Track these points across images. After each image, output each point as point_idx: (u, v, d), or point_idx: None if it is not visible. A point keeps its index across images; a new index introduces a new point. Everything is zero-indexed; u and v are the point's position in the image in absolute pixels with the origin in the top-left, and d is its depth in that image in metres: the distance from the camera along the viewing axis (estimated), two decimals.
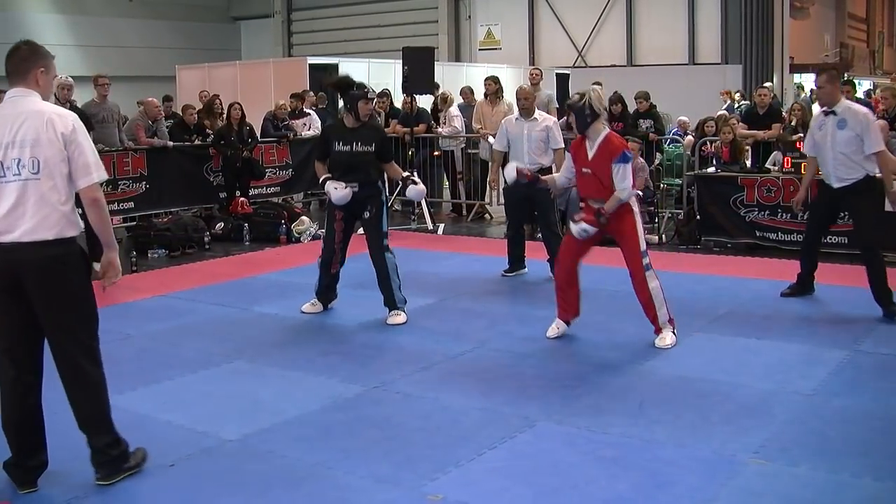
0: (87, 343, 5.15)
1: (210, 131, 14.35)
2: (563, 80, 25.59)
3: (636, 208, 7.64)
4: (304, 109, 16.63)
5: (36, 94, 4.91)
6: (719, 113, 16.86)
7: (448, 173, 16.22)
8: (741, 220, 11.81)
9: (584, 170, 7.52)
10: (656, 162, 14.14)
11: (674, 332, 7.55)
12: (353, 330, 8.19)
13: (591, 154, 7.47)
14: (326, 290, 8.77)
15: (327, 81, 8.49)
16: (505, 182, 9.12)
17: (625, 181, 7.34)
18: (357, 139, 8.24)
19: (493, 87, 15.06)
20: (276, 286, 9.99)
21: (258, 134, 14.92)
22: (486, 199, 15.40)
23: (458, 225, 14.62)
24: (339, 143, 8.28)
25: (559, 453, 5.27)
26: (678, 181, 13.94)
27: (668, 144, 14.94)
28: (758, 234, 11.70)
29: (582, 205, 7.67)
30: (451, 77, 21.22)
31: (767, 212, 11.60)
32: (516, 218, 10.67)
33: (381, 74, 21.17)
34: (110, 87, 13.06)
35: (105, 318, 8.65)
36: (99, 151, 11.28)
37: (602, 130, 7.50)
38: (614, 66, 30.02)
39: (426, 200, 14.19)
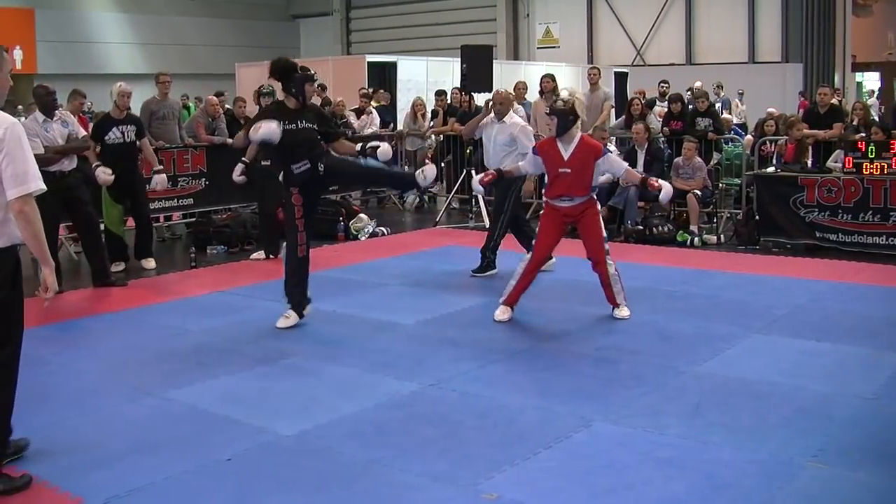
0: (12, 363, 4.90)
1: None
2: (621, 79, 25.45)
3: (597, 203, 8.43)
4: (367, 107, 16.70)
5: None
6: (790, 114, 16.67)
7: None
8: (801, 221, 11.69)
9: (562, 170, 8.08)
10: (714, 161, 14.03)
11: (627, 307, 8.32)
12: (409, 328, 8.20)
13: (566, 155, 8.08)
14: (301, 286, 8.27)
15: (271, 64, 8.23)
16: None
17: (619, 163, 8.46)
18: (301, 118, 8.04)
19: (550, 86, 15.02)
20: (333, 283, 10.02)
21: None
22: (542, 198, 15.34)
23: None
24: (284, 123, 7.88)
25: (615, 453, 5.25)
26: (737, 181, 13.84)
27: (729, 144, 14.81)
28: (818, 235, 11.58)
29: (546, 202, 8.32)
30: (510, 76, 21.17)
31: (828, 212, 11.47)
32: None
33: (439, 73, 21.22)
34: (171, 85, 13.20)
35: (163, 313, 8.83)
36: (159, 148, 11.46)
37: (577, 134, 8.14)
38: (673, 64, 29.87)
39: (483, 198, 14.18)
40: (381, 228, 13.19)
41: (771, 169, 12.67)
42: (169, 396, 6.41)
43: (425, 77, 21.25)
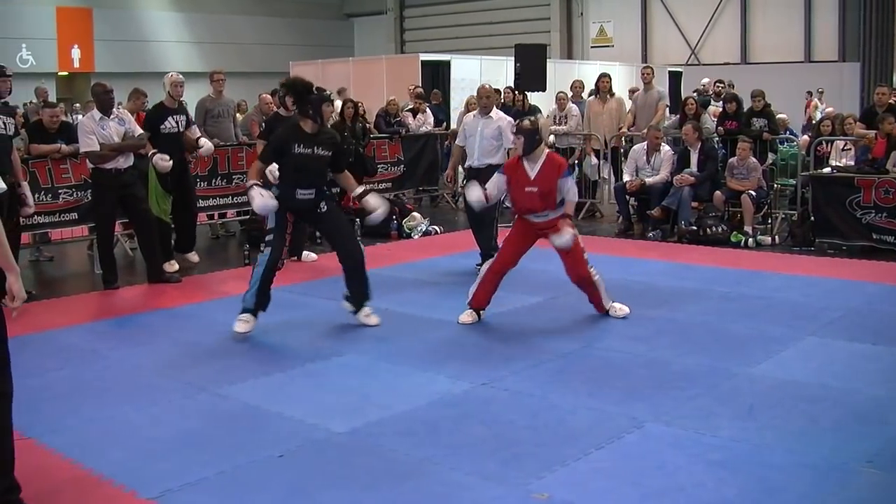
0: None
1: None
2: (675, 79, 25.29)
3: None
4: (423, 106, 16.72)
5: None
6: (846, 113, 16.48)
7: None
8: (857, 222, 11.56)
9: (529, 188, 8.14)
10: (769, 162, 13.92)
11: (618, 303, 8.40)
12: (461, 326, 8.21)
13: (532, 174, 8.14)
14: (262, 298, 8.06)
15: (282, 83, 8.12)
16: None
17: (573, 190, 8.34)
18: (318, 143, 7.94)
19: (606, 85, 15.00)
20: (386, 281, 10.04)
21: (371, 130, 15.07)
22: (597, 198, 15.33)
23: None
24: (298, 146, 7.86)
25: (666, 455, 5.22)
26: (792, 181, 13.71)
27: (784, 144, 14.69)
28: (874, 237, 11.45)
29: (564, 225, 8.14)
30: (563, 75, 21.13)
31: (885, 214, 11.33)
32: (472, 209, 10.68)
33: (492, 71, 21.19)
34: (225, 83, 13.29)
35: (217, 310, 8.90)
36: (214, 146, 11.51)
37: (543, 152, 8.24)
38: (728, 63, 29.68)
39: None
40: (434, 227, 13.22)
41: (827, 169, 12.54)
42: (222, 392, 6.47)
43: (479, 76, 21.20)
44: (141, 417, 6.03)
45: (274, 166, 8.29)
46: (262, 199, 7.66)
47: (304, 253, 11.54)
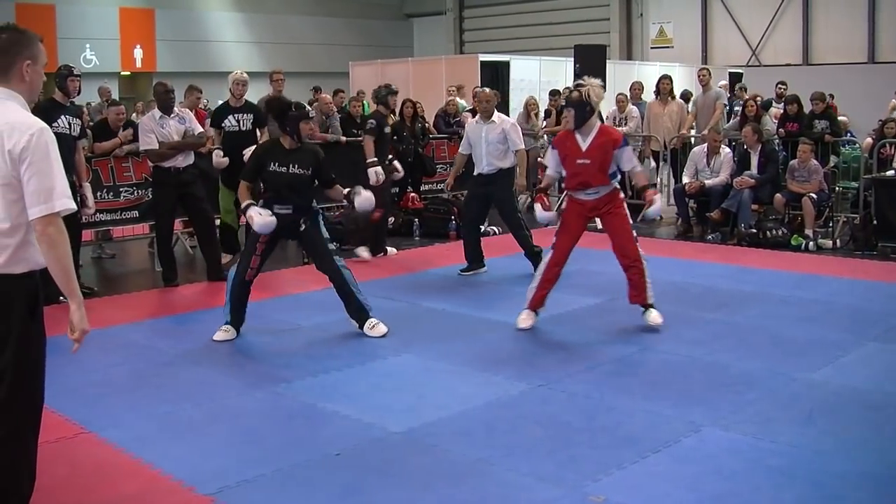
0: (11, 404, 4.06)
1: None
2: (736, 80, 25.03)
3: (621, 195, 8.24)
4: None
5: (14, 97, 4.07)
6: None
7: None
8: None
9: (581, 161, 7.91)
10: (831, 164, 13.76)
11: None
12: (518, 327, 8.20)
13: (584, 146, 7.91)
14: (239, 307, 8.08)
15: (263, 101, 8.12)
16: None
17: (634, 160, 8.21)
18: (293, 161, 7.92)
19: (668, 87, 14.92)
20: (445, 282, 10.08)
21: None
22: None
23: None
24: (273, 164, 7.89)
25: (723, 460, 5.18)
26: (854, 184, 13.54)
27: (846, 146, 14.52)
28: None
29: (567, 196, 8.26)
30: (623, 76, 21.04)
31: None
32: (474, 217, 10.73)
33: (551, 72, 21.16)
34: (285, 83, 13.36)
35: (275, 308, 8.96)
36: None
37: (595, 124, 8.02)
38: (789, 65, 29.36)
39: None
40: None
41: (890, 172, 12.38)
42: (279, 390, 6.51)
43: (538, 76, 21.21)
44: (199, 414, 6.08)
45: None
46: (261, 219, 7.67)
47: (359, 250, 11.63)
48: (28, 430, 4.16)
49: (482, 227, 11.25)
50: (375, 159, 11.21)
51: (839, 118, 16.37)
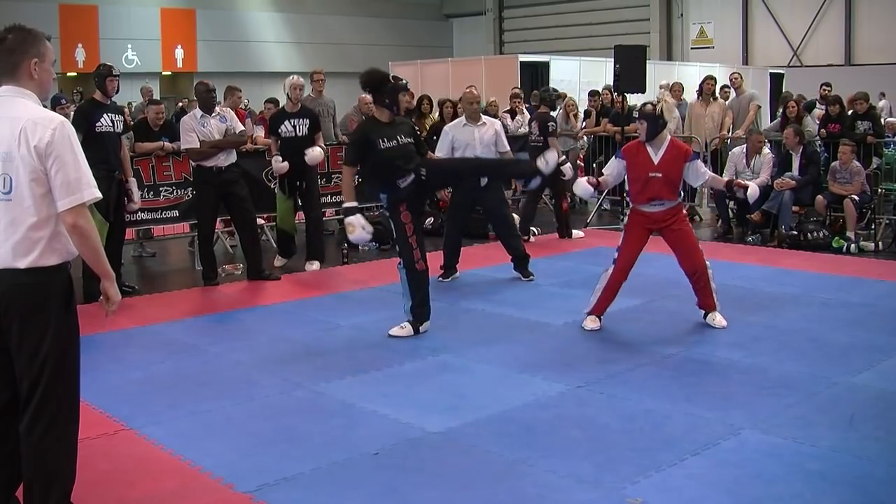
0: (51, 396, 4.13)
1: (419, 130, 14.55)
2: (777, 80, 24.90)
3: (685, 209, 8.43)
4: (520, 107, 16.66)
5: (27, 95, 4.14)
6: None
7: None
8: None
9: (653, 174, 7.92)
10: (873, 166, 13.65)
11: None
12: (558, 329, 8.19)
13: (656, 159, 7.94)
14: (424, 303, 8.03)
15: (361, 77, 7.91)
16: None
17: (702, 173, 8.18)
18: (398, 133, 7.81)
19: (711, 87, 14.86)
20: (483, 282, 10.08)
21: None
22: (696, 201, 15.18)
23: None
24: (383, 141, 7.71)
25: (763, 464, 5.15)
26: None
27: (889, 147, 14.39)
28: None
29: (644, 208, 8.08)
30: (663, 76, 20.95)
31: None
32: (460, 224, 10.59)
33: (591, 73, 21.10)
34: (325, 83, 13.39)
35: (315, 307, 9.00)
36: None
37: (666, 137, 8.07)
38: (831, 65, 29.17)
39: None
40: (532, 228, 13.17)
41: None
42: (319, 389, 6.53)
43: (578, 77, 21.16)
44: (239, 412, 6.12)
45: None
46: (361, 232, 7.66)
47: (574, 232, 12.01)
48: (69, 419, 4.23)
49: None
50: (564, 158, 11.77)
51: (889, 119, 16.25)
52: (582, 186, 8.37)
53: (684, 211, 8.25)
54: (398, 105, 7.87)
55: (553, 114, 13.12)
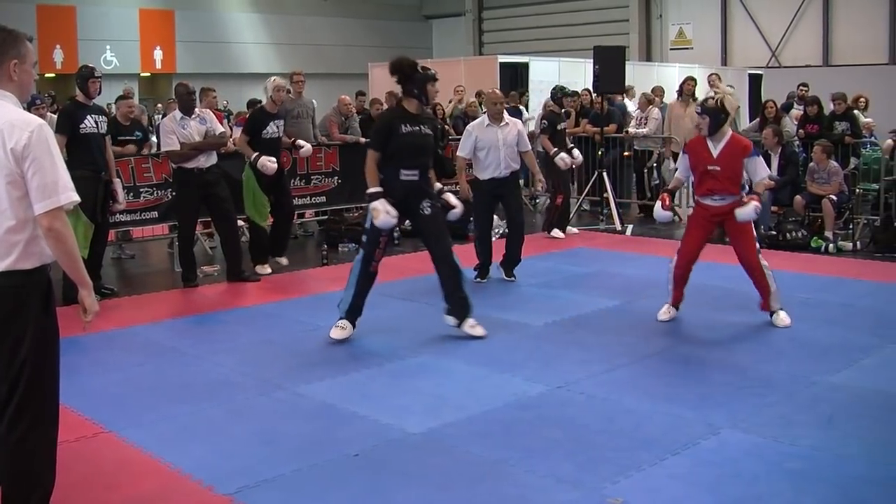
0: (30, 398, 4.10)
1: None
2: (756, 81, 24.99)
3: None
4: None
5: (6, 96, 4.07)
6: None
7: (638, 174, 16.05)
8: None
9: (711, 167, 8.05)
10: (852, 166, 13.71)
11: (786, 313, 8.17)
12: (538, 329, 8.19)
13: (716, 153, 8.05)
14: (359, 302, 7.94)
15: (391, 65, 7.84)
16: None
17: (763, 169, 8.28)
18: (422, 123, 7.84)
19: (691, 88, 14.90)
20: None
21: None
22: (676, 202, 15.20)
23: (646, 226, 14.45)
24: (405, 126, 7.72)
25: (743, 463, 5.16)
26: (875, 186, 13.49)
27: (867, 148, 14.46)
28: None
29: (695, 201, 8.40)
30: (642, 77, 21.01)
31: None
32: (489, 224, 10.63)
33: (571, 73, 21.10)
34: (305, 84, 13.38)
35: (295, 309, 8.99)
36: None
37: (727, 131, 8.12)
38: (809, 66, 29.25)
39: (615, 201, 14.12)
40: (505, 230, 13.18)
41: None
42: (299, 391, 6.52)
43: (557, 78, 21.10)
44: (219, 414, 6.10)
45: None
46: (386, 217, 7.55)
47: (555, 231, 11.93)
48: (48, 421, 4.20)
49: (503, 229, 11.31)
50: (557, 149, 12.09)
51: (865, 120, 16.32)
52: (658, 212, 8.57)
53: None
54: (427, 95, 7.88)
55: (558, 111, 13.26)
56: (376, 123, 8.28)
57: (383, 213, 7.54)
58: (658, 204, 8.55)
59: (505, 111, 10.52)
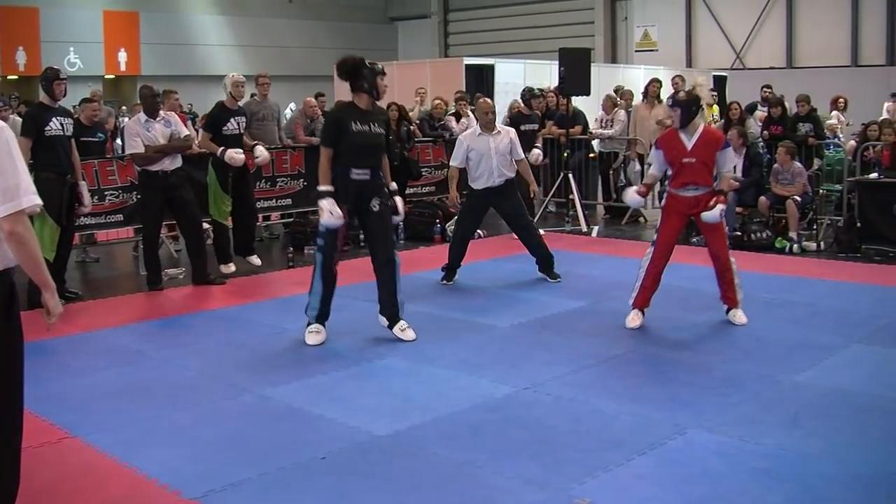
0: None
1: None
2: (720, 83, 25.14)
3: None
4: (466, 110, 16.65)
5: None
6: (882, 118, 16.38)
7: (604, 176, 16.09)
8: None
9: (686, 160, 8.10)
10: (815, 167, 13.81)
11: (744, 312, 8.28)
12: (504, 330, 8.20)
13: (690, 145, 8.11)
14: (326, 304, 7.96)
15: (337, 65, 7.79)
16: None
17: (730, 161, 8.43)
18: (372, 120, 7.71)
19: (656, 90, 14.96)
20: (429, 285, 10.06)
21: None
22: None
23: (612, 227, 14.50)
24: (355, 124, 7.59)
25: (709, 462, 5.18)
26: (838, 187, 13.59)
27: (830, 149, 14.56)
28: None
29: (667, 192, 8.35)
30: (608, 79, 21.07)
31: None
32: (472, 228, 10.65)
33: (537, 75, 21.15)
34: (270, 86, 13.35)
35: (261, 312, 8.96)
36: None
37: (700, 123, 8.27)
38: (773, 67, 29.48)
39: (581, 202, 14.15)
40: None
41: (874, 175, 12.42)
42: (265, 394, 6.50)
43: (523, 79, 21.16)
44: (185, 418, 6.07)
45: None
46: (329, 217, 7.55)
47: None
48: (12, 427, 4.13)
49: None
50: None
51: (830, 122, 16.46)
52: (630, 196, 8.60)
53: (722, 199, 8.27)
54: (377, 89, 7.77)
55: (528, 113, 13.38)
56: (326, 119, 8.22)
57: (327, 212, 7.54)
58: (632, 189, 8.64)
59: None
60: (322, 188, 7.66)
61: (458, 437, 5.64)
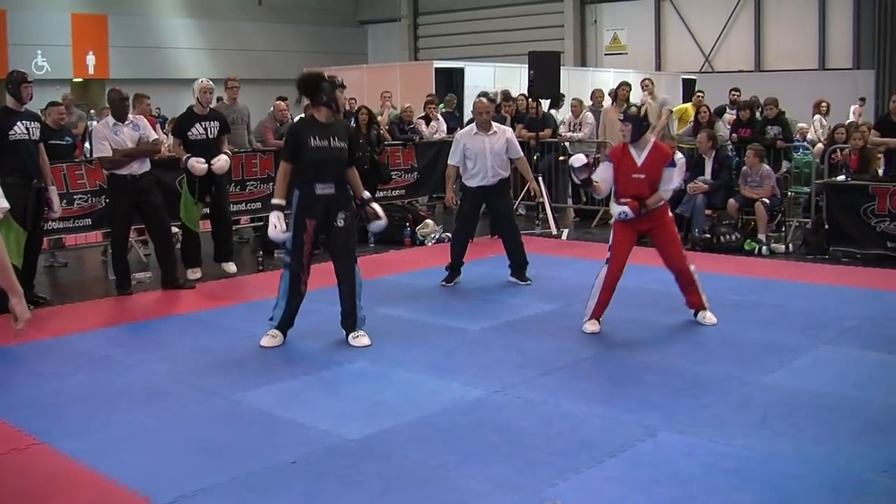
0: None
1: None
2: (689, 86, 25.25)
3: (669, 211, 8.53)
4: (435, 114, 16.67)
5: None
6: (849, 121, 16.52)
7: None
8: (871, 231, 11.52)
9: (635, 175, 8.10)
10: (783, 169, 13.89)
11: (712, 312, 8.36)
12: (474, 333, 8.21)
13: (640, 161, 8.12)
14: (291, 316, 7.99)
15: (297, 84, 7.81)
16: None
17: (671, 183, 8.27)
18: (333, 134, 7.66)
19: (625, 93, 15.02)
20: (400, 288, 10.06)
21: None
22: (610, 206, 15.32)
23: (582, 230, 14.53)
24: (314, 139, 7.58)
25: (680, 463, 5.20)
26: (806, 189, 13.69)
27: (798, 152, 14.65)
28: (889, 245, 11.41)
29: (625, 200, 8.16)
30: (577, 82, 21.16)
31: None
32: (470, 230, 10.66)
33: (506, 78, 21.20)
34: (239, 90, 13.31)
35: (231, 316, 8.95)
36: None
37: (650, 139, 8.25)
38: (742, 71, 29.63)
39: (550, 205, 14.17)
40: (448, 234, 13.19)
41: (841, 177, 12.50)
42: (235, 399, 6.48)
43: (493, 83, 21.23)
44: (155, 423, 6.04)
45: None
46: (274, 231, 7.64)
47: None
48: None
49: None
50: None
51: (800, 125, 16.58)
52: (576, 157, 8.39)
53: (670, 213, 8.41)
54: (337, 102, 7.77)
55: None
56: (286, 134, 8.21)
57: (272, 225, 7.62)
58: (581, 154, 8.53)
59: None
60: (274, 201, 7.74)
61: (429, 440, 5.63)
